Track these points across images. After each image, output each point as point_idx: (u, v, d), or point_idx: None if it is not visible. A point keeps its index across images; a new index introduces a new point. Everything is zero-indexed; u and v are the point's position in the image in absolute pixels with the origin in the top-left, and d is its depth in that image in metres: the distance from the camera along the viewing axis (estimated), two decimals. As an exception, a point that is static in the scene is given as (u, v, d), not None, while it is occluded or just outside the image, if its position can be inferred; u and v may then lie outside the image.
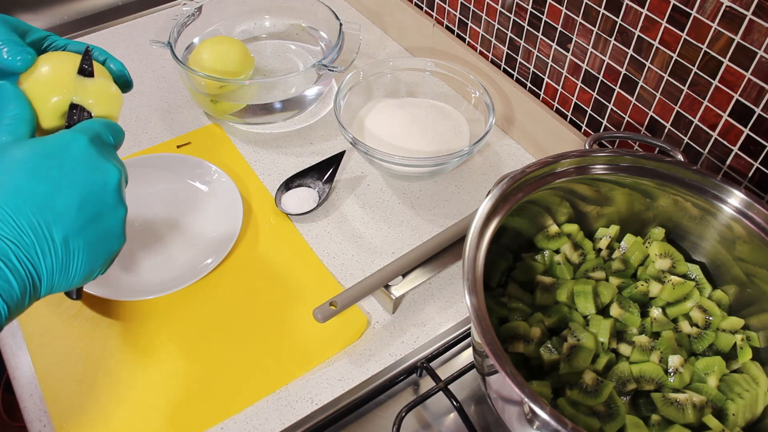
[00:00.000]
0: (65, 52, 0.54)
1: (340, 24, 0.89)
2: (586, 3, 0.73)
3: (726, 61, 0.62)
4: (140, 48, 1.04)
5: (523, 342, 0.58)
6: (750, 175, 0.65)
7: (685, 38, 0.65)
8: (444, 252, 0.72)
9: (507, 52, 0.89)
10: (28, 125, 0.50)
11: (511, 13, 0.84)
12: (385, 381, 0.65)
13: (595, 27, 0.74)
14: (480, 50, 0.94)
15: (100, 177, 0.48)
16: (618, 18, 0.70)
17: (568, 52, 0.79)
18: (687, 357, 0.58)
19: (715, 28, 0.61)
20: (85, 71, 0.52)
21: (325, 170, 0.83)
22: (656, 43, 0.68)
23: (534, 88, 0.87)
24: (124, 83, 0.58)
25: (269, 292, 0.72)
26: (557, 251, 0.65)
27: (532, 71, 0.86)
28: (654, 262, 0.63)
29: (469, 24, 0.93)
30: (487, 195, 0.57)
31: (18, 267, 0.44)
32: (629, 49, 0.71)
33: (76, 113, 0.51)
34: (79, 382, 0.64)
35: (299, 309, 0.70)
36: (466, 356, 0.69)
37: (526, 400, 0.45)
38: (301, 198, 0.80)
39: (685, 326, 0.60)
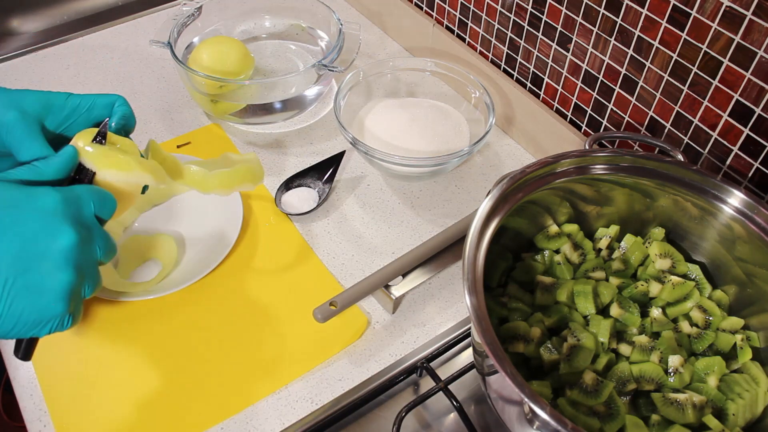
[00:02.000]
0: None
1: (340, 24, 0.89)
2: (586, 3, 0.73)
3: (726, 61, 0.62)
4: (140, 48, 1.04)
5: (523, 342, 0.58)
6: (750, 175, 0.65)
7: (685, 38, 0.65)
8: (444, 252, 0.72)
9: (507, 52, 0.89)
10: (38, 177, 0.50)
11: (511, 13, 0.84)
12: (385, 381, 0.65)
13: (595, 27, 0.74)
14: (480, 50, 0.94)
15: (51, 234, 0.47)
16: (618, 18, 0.70)
17: (568, 52, 0.79)
18: (687, 357, 0.58)
19: (715, 28, 0.61)
20: (97, 140, 0.54)
21: (325, 170, 0.83)
22: (656, 43, 0.68)
23: (534, 88, 0.87)
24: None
25: (269, 292, 0.72)
26: (557, 251, 0.65)
27: (532, 71, 0.86)
28: (654, 262, 0.63)
29: (469, 24, 0.93)
30: (487, 195, 0.57)
31: None
32: (629, 49, 0.71)
33: (77, 174, 0.52)
34: (79, 382, 0.64)
35: (299, 309, 0.70)
36: (466, 356, 0.69)
37: (526, 400, 0.45)
38: (301, 198, 0.80)
39: (685, 326, 0.60)
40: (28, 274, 0.47)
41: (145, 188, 0.57)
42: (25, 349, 0.52)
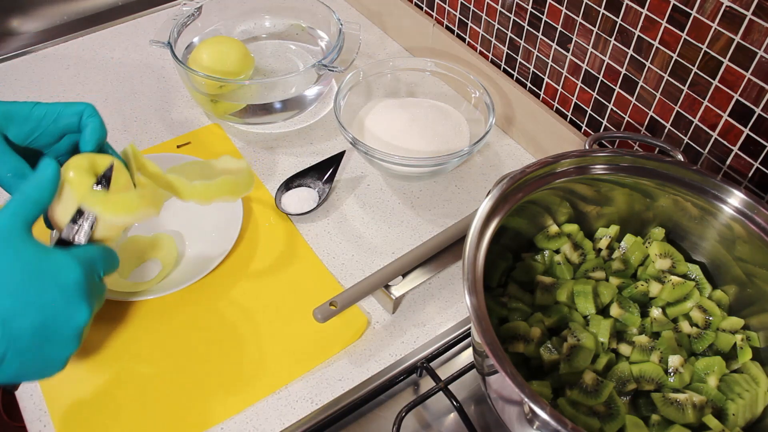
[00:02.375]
0: (92, 155, 0.55)
1: (340, 24, 0.89)
2: (586, 3, 0.73)
3: (726, 61, 0.62)
4: (140, 48, 1.04)
5: (523, 342, 0.58)
6: (750, 175, 0.65)
7: (685, 38, 0.65)
8: (444, 252, 0.72)
9: (507, 52, 0.89)
10: (40, 212, 0.51)
11: (511, 13, 0.84)
12: (385, 381, 0.65)
13: (595, 27, 0.74)
14: (480, 50, 0.94)
15: (70, 313, 0.49)
16: (618, 18, 0.70)
17: (568, 52, 0.79)
18: (687, 357, 0.58)
19: (715, 28, 0.61)
20: (102, 183, 0.53)
21: (325, 170, 0.83)
22: (656, 43, 0.68)
23: (534, 88, 0.87)
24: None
25: (269, 292, 0.72)
26: (557, 251, 0.65)
27: (532, 71, 0.86)
28: (654, 262, 0.63)
29: (469, 24, 0.93)
30: (487, 195, 0.57)
31: None
32: (629, 49, 0.71)
33: (80, 219, 0.52)
34: (79, 382, 0.64)
35: (299, 309, 0.70)
36: (466, 356, 0.69)
37: (526, 400, 0.45)
38: (301, 198, 0.80)
39: (685, 326, 0.60)
40: (43, 348, 0.49)
41: None
42: (12, 386, 0.54)
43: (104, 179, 0.53)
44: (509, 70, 0.90)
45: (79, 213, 0.52)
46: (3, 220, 0.49)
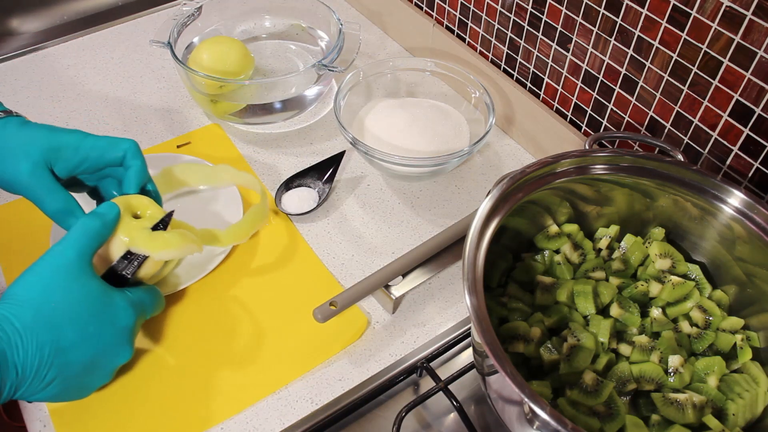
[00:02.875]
0: (129, 197, 0.62)
1: (340, 24, 0.89)
2: (586, 3, 0.73)
3: (726, 61, 0.62)
4: (140, 48, 1.04)
5: (523, 342, 0.58)
6: (750, 175, 0.65)
7: (685, 38, 0.65)
8: (444, 252, 0.72)
9: (507, 52, 0.89)
10: (97, 247, 0.55)
11: (511, 13, 0.84)
12: (385, 381, 0.65)
13: (595, 27, 0.74)
14: (480, 50, 0.94)
15: (117, 353, 0.55)
16: (618, 18, 0.70)
17: (568, 52, 0.79)
18: (687, 357, 0.58)
19: (715, 28, 0.61)
20: (158, 228, 0.60)
21: (325, 170, 0.83)
22: (656, 43, 0.68)
23: (534, 88, 0.87)
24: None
25: (269, 292, 0.72)
26: (557, 251, 0.65)
27: (532, 71, 0.86)
28: (654, 262, 0.63)
29: (469, 24, 0.93)
30: (487, 195, 0.57)
31: (4, 390, 0.48)
32: (629, 49, 0.71)
33: (129, 259, 0.58)
34: (79, 382, 0.64)
35: (299, 309, 0.70)
36: (466, 356, 0.69)
37: (526, 400, 0.45)
38: (301, 198, 0.80)
39: (685, 326, 0.60)
40: (86, 377, 0.53)
41: None
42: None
43: (161, 224, 0.60)
44: (509, 70, 0.90)
45: (128, 253, 0.58)
46: (70, 253, 0.52)
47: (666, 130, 0.71)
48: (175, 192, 0.80)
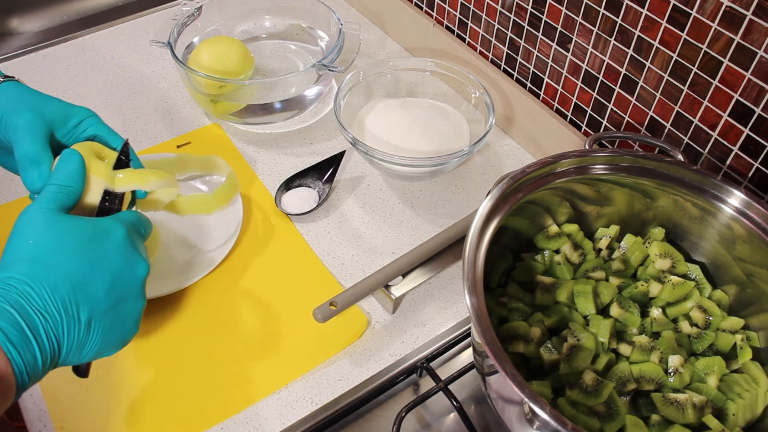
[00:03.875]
0: (91, 143, 0.60)
1: (340, 24, 0.89)
2: (586, 3, 0.73)
3: (726, 61, 0.62)
4: (140, 48, 1.04)
5: (523, 342, 0.58)
6: (750, 175, 0.65)
7: (685, 38, 0.65)
8: (444, 252, 0.72)
9: (507, 52, 0.89)
10: (74, 199, 0.54)
11: (511, 13, 0.84)
12: (385, 381, 0.65)
13: (595, 27, 0.74)
14: (480, 50, 0.94)
15: (132, 267, 0.52)
16: (618, 18, 0.70)
17: (568, 52, 0.79)
18: (687, 357, 0.58)
19: (715, 28, 0.61)
20: (122, 163, 0.59)
21: (325, 170, 0.83)
22: (656, 43, 0.68)
23: (534, 88, 0.87)
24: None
25: (269, 292, 0.72)
26: (557, 251, 0.65)
27: (532, 71, 0.86)
28: (654, 262, 0.63)
29: (469, 24, 0.93)
30: (487, 195, 0.57)
31: (45, 342, 0.46)
32: (629, 49, 0.71)
33: (108, 200, 0.56)
34: (78, 383, 0.63)
35: (299, 309, 0.70)
36: (466, 356, 0.69)
37: (526, 400, 0.45)
38: (301, 198, 0.80)
39: (685, 326, 0.60)
40: (118, 307, 0.51)
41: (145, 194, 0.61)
42: (86, 368, 0.54)
43: (123, 156, 0.59)
44: (509, 70, 0.90)
45: (107, 193, 0.56)
46: (41, 205, 0.51)
47: (666, 130, 0.71)
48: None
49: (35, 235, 0.50)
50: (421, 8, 1.01)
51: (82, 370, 0.54)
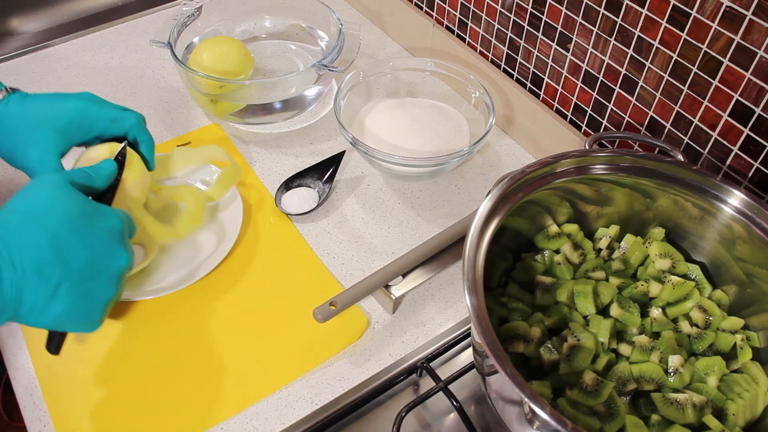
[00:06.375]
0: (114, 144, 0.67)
1: (340, 24, 0.89)
2: (586, 3, 0.73)
3: (726, 61, 0.62)
4: (140, 48, 1.04)
5: (523, 342, 0.58)
6: (750, 175, 0.65)
7: (685, 38, 0.65)
8: (444, 252, 0.72)
9: (507, 52, 0.89)
10: (90, 186, 0.59)
11: (511, 13, 0.84)
12: (385, 381, 0.65)
13: (595, 27, 0.74)
14: (480, 50, 0.94)
15: (114, 254, 0.54)
16: (618, 18, 0.70)
17: (568, 52, 0.79)
18: (687, 357, 0.58)
19: (715, 28, 0.61)
20: (117, 160, 0.65)
21: (325, 170, 0.83)
22: (656, 43, 0.68)
23: (534, 88, 0.87)
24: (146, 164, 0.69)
25: (269, 292, 0.72)
26: (557, 251, 0.65)
27: (532, 71, 0.86)
28: (654, 262, 0.63)
29: (469, 24, 0.93)
30: (487, 195, 0.57)
31: (5, 290, 0.48)
32: (629, 49, 0.71)
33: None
34: (78, 382, 0.64)
35: (299, 309, 0.70)
36: (466, 356, 0.69)
37: (526, 400, 0.45)
38: (301, 198, 0.80)
39: (685, 326, 0.60)
40: (90, 283, 0.53)
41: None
42: (57, 344, 0.57)
43: (120, 156, 0.65)
44: (509, 70, 0.90)
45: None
46: (59, 174, 0.55)
47: (666, 130, 0.71)
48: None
49: (39, 193, 0.52)
50: (421, 8, 1.01)
51: (53, 346, 0.57)
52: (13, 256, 0.48)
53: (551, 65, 0.82)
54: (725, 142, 0.66)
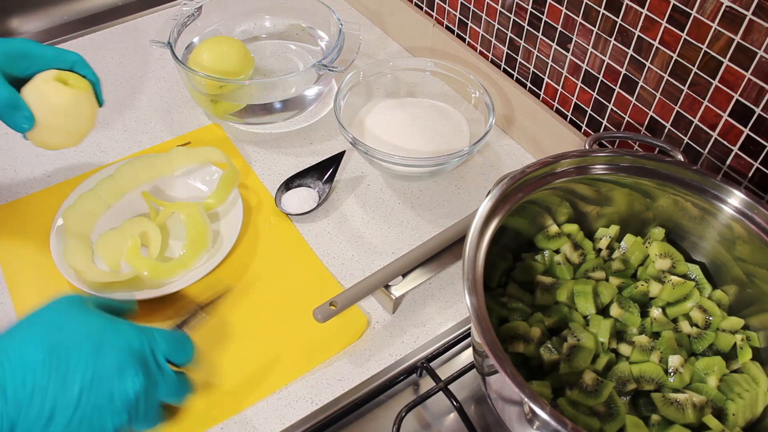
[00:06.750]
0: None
1: (340, 24, 0.89)
2: (586, 3, 0.73)
3: (726, 61, 0.62)
4: (140, 48, 1.04)
5: (523, 342, 0.58)
6: (750, 175, 0.65)
7: (685, 38, 0.65)
8: (444, 252, 0.72)
9: (507, 52, 0.89)
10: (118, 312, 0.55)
11: (511, 13, 0.84)
12: (385, 381, 0.65)
13: (595, 27, 0.74)
14: (480, 50, 0.94)
15: (121, 378, 0.48)
16: (618, 18, 0.70)
17: (568, 52, 0.79)
18: (687, 357, 0.58)
19: (715, 28, 0.61)
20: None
21: (325, 170, 0.83)
22: (656, 43, 0.68)
23: (534, 88, 0.87)
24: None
25: (269, 292, 0.72)
26: (557, 251, 0.65)
27: (532, 71, 0.86)
28: (654, 262, 0.63)
29: (469, 24, 0.93)
30: (487, 195, 0.57)
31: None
32: (629, 49, 0.71)
33: None
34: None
35: (299, 309, 0.70)
36: (466, 356, 0.69)
37: (526, 400, 0.45)
38: (301, 198, 0.80)
39: (685, 326, 0.60)
40: (89, 409, 0.46)
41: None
42: None
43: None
44: (509, 70, 0.90)
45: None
46: (71, 297, 0.51)
47: (666, 130, 0.71)
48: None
49: (50, 312, 0.49)
50: (421, 8, 1.01)
51: None
52: (6, 384, 0.44)
53: (551, 65, 0.82)
54: (725, 142, 0.66)
